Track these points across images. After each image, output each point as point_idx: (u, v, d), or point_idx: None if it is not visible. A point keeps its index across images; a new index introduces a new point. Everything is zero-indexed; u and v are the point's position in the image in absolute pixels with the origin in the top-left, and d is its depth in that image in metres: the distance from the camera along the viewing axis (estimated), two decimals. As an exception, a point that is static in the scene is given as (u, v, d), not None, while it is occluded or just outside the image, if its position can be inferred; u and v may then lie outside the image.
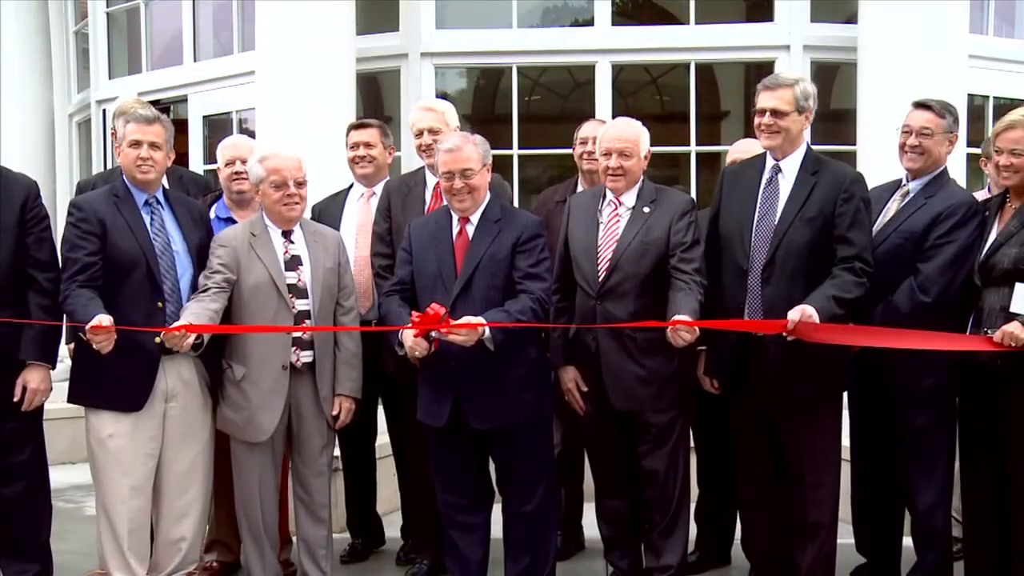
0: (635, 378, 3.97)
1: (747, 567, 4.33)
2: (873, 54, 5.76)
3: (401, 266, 4.06)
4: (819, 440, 3.89)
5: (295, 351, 4.03)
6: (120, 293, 3.84)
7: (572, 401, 4.14)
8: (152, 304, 3.89)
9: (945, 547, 4.09)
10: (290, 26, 5.86)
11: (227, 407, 4.04)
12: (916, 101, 4.18)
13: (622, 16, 6.53)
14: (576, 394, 4.10)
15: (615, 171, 4.00)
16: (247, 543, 4.16)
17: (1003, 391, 3.78)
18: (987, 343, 3.68)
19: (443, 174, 3.90)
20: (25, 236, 3.81)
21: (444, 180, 3.92)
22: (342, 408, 4.13)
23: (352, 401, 4.15)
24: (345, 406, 4.14)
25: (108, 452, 3.91)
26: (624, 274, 3.97)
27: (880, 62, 5.72)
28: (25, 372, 3.85)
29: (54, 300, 3.85)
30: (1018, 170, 3.81)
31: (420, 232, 4.02)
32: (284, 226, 4.10)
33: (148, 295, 3.89)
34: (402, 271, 4.04)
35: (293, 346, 4.02)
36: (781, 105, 3.85)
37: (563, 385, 4.15)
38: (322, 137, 5.30)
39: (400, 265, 4.07)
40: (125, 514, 3.92)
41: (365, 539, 4.90)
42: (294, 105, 5.81)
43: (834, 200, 3.80)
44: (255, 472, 4.07)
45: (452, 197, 3.93)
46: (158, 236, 3.96)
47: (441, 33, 6.31)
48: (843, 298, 3.71)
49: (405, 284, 4.00)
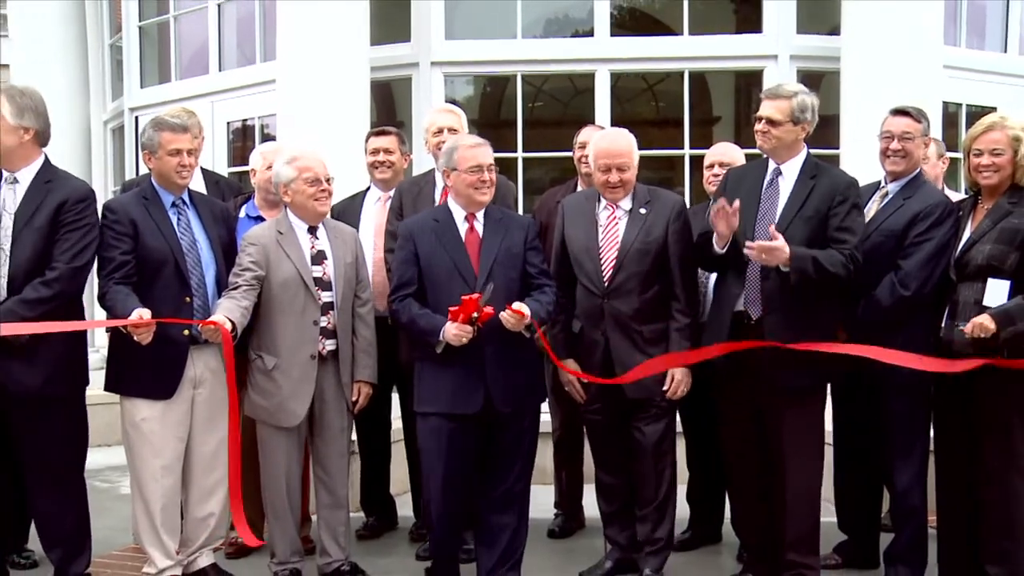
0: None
1: (736, 544, 4.36)
2: (855, 63, 5.76)
3: (406, 267, 3.89)
4: (805, 426, 3.88)
5: (321, 341, 4.05)
6: (152, 289, 3.85)
7: (572, 392, 4.14)
8: (181, 299, 3.90)
9: (920, 524, 4.10)
10: (309, 37, 5.86)
11: (257, 395, 4.05)
12: (894, 108, 4.20)
13: (620, 27, 6.52)
14: (577, 385, 4.10)
15: (615, 185, 4.01)
16: (271, 520, 4.18)
17: (976, 381, 3.77)
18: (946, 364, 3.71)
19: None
20: (53, 236, 3.72)
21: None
22: (361, 393, 4.16)
23: (369, 386, 4.17)
24: (364, 391, 4.16)
25: (142, 435, 3.93)
26: (628, 273, 3.99)
27: (861, 71, 5.72)
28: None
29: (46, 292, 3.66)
30: (998, 169, 3.83)
31: (422, 231, 3.90)
32: (313, 221, 4.11)
33: (177, 290, 3.90)
34: (408, 272, 3.88)
35: (320, 336, 4.04)
36: (776, 115, 3.85)
37: (563, 377, 4.14)
38: (339, 141, 5.31)
39: (405, 266, 3.90)
40: (157, 492, 3.94)
41: (380, 517, 4.91)
42: (312, 111, 5.81)
43: (830, 202, 3.80)
44: (282, 454, 4.09)
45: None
46: (184, 235, 3.97)
47: (450, 43, 6.31)
48: (822, 265, 3.68)
49: (414, 285, 3.88)
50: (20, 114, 3.74)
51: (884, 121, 4.18)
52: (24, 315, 3.63)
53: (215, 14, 7.08)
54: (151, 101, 7.31)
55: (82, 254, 3.74)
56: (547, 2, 6.63)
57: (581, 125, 5.04)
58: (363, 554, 4.41)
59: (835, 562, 4.34)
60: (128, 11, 7.61)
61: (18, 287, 3.67)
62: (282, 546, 4.15)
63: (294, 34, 5.93)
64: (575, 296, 4.13)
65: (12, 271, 3.69)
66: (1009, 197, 3.82)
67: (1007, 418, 3.79)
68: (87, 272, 3.81)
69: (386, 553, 4.58)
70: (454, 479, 3.85)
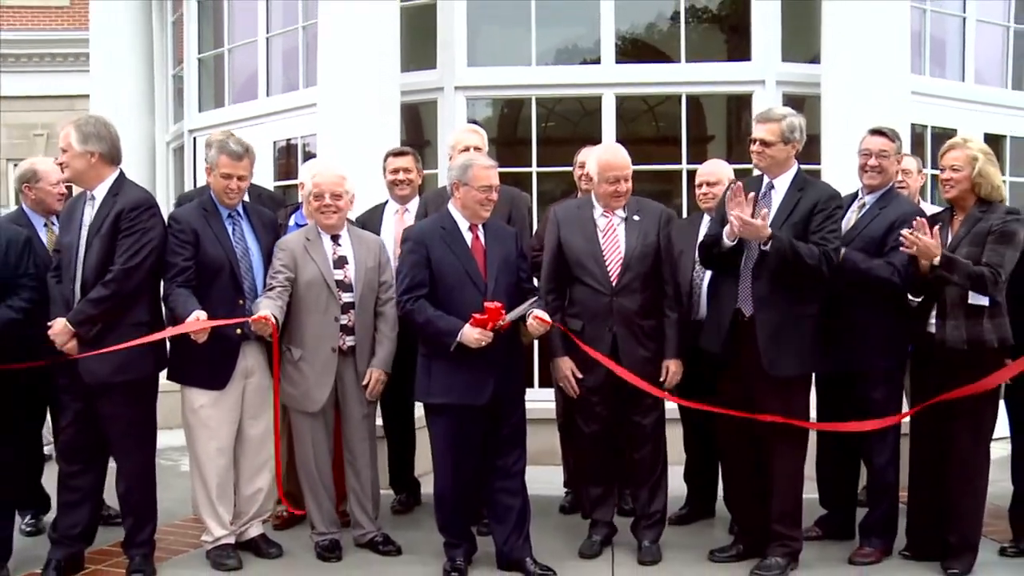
0: (643, 359, 4.03)
1: (728, 519, 4.38)
2: (833, 89, 5.76)
3: (418, 270, 3.83)
4: (791, 412, 3.89)
5: (341, 337, 4.09)
6: (210, 291, 3.92)
7: (567, 387, 4.10)
8: (235, 301, 3.97)
9: (893, 499, 4.13)
10: (346, 65, 5.89)
11: (287, 383, 4.09)
12: (872, 128, 4.23)
13: (624, 55, 6.51)
14: (572, 380, 4.06)
15: (622, 194, 4.04)
16: (307, 494, 4.24)
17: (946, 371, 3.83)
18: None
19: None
20: (114, 242, 3.75)
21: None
22: (372, 378, 4.15)
23: (382, 373, 4.17)
24: (375, 376, 4.15)
25: (199, 420, 4.01)
26: (634, 273, 4.02)
27: (839, 95, 5.72)
28: None
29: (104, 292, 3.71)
30: (957, 183, 3.91)
31: (432, 237, 3.87)
32: (327, 231, 4.15)
33: (232, 293, 3.97)
34: (420, 274, 3.83)
35: (340, 332, 4.09)
36: (768, 136, 3.88)
37: (559, 372, 4.09)
38: (372, 158, 5.32)
39: (416, 268, 3.84)
40: (213, 471, 4.01)
41: (407, 495, 4.95)
42: (349, 131, 5.84)
43: (813, 210, 3.83)
44: (309, 436, 4.15)
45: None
46: (239, 243, 4.04)
47: (472, 70, 6.33)
48: (797, 249, 3.71)
49: (425, 287, 3.83)
50: (85, 140, 3.82)
51: (862, 140, 4.21)
52: (90, 313, 3.72)
53: (264, 46, 7.15)
54: (207, 123, 7.38)
55: (135, 256, 3.75)
56: (558, 33, 6.63)
57: (589, 143, 5.07)
58: (394, 527, 4.45)
59: (816, 534, 4.36)
60: (189, 45, 7.72)
61: (89, 289, 3.76)
62: (319, 518, 4.21)
63: (333, 63, 5.97)
64: (567, 296, 4.13)
65: (84, 275, 3.77)
66: (979, 208, 3.90)
67: (976, 405, 3.83)
68: (141, 272, 3.77)
69: (414, 527, 4.61)
70: (464, 464, 3.87)
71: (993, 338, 3.78)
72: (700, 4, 6.72)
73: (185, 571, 4.06)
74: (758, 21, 6.22)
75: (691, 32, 6.46)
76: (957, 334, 3.79)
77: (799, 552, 3.99)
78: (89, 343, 3.74)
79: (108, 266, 3.74)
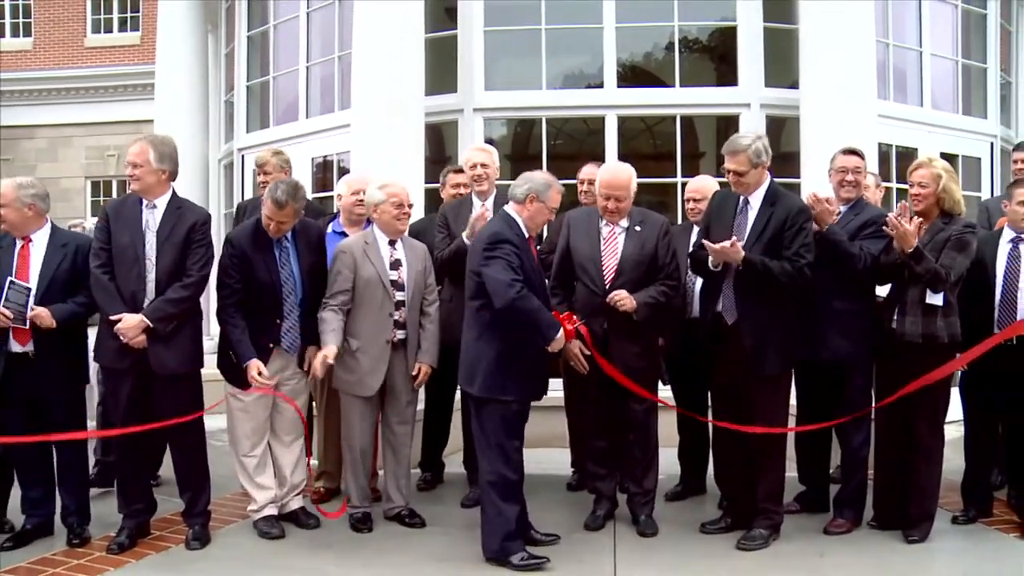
0: (633, 354, 4.00)
1: (718, 495, 4.35)
2: (811, 111, 5.73)
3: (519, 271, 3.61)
4: (775, 401, 3.89)
5: (393, 330, 4.09)
6: (253, 309, 3.97)
7: (576, 364, 3.95)
8: (272, 320, 4.00)
9: (864, 477, 4.12)
10: (377, 90, 5.89)
11: (342, 371, 4.09)
12: (845, 148, 4.23)
13: (624, 81, 6.48)
14: (581, 358, 3.93)
15: (612, 211, 4.00)
16: (348, 470, 4.23)
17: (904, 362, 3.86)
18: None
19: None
20: (187, 250, 3.85)
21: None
22: (421, 371, 4.17)
23: (429, 367, 4.19)
24: (424, 370, 4.18)
25: (241, 405, 4.05)
26: (626, 278, 4.00)
27: (816, 117, 5.69)
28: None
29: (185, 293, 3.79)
30: (924, 198, 3.93)
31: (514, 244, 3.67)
32: (393, 236, 4.16)
33: (271, 315, 4.00)
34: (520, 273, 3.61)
35: (393, 327, 4.08)
36: (739, 167, 3.84)
37: (570, 351, 3.90)
38: (400, 173, 5.30)
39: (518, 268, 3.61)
40: (251, 449, 4.07)
41: (433, 473, 4.95)
42: (379, 149, 5.83)
43: (784, 226, 3.79)
44: (357, 419, 4.14)
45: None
46: (284, 266, 4.04)
47: (489, 93, 6.33)
48: (771, 271, 3.70)
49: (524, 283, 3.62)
50: (161, 159, 3.86)
51: (836, 158, 4.20)
52: (170, 312, 3.78)
53: (304, 74, 7.16)
54: (254, 143, 7.40)
55: (207, 265, 3.89)
56: (566, 60, 6.61)
57: (594, 159, 5.07)
58: (419, 502, 4.44)
59: (795, 508, 4.34)
60: (239, 74, 7.76)
61: (163, 288, 3.80)
62: (356, 493, 4.21)
63: (365, 88, 5.96)
64: (570, 292, 4.11)
65: (159, 276, 3.81)
66: (942, 219, 3.93)
67: (932, 393, 3.85)
68: (208, 278, 3.94)
69: (438, 502, 4.61)
70: (519, 450, 3.73)
71: (944, 334, 3.82)
72: (692, 35, 6.70)
73: (236, 539, 4.07)
74: (744, 51, 6.21)
75: (684, 60, 6.46)
76: (914, 329, 3.83)
77: (780, 524, 3.97)
78: (162, 339, 3.77)
79: (180, 270, 3.80)
